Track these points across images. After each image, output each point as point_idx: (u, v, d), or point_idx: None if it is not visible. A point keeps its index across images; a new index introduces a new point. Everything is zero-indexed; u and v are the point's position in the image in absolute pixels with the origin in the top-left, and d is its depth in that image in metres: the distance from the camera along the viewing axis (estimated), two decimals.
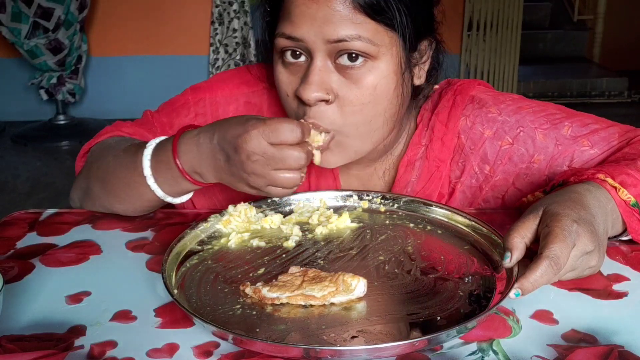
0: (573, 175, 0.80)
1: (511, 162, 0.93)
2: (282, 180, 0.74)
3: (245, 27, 4.15)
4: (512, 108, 0.93)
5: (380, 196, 0.90)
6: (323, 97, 0.80)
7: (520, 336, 0.63)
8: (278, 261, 0.75)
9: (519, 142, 0.92)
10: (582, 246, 0.67)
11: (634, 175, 0.77)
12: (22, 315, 0.67)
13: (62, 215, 0.92)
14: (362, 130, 0.83)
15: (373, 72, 0.80)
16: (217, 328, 0.59)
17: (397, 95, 0.84)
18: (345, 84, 0.80)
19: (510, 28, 4.50)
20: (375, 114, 0.83)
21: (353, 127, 0.83)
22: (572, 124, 0.92)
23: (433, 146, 0.94)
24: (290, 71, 0.83)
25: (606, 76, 4.86)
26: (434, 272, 0.72)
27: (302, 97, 0.80)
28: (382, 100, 0.82)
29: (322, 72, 0.80)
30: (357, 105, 0.81)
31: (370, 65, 0.80)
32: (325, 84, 0.80)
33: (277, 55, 0.84)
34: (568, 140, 0.91)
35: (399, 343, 0.58)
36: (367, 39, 0.78)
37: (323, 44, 0.78)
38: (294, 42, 0.80)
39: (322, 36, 0.78)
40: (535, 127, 0.92)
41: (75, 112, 4.27)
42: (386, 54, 0.80)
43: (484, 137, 0.93)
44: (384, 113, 0.84)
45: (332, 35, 0.78)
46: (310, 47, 0.79)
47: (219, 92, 0.99)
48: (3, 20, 3.71)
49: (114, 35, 4.23)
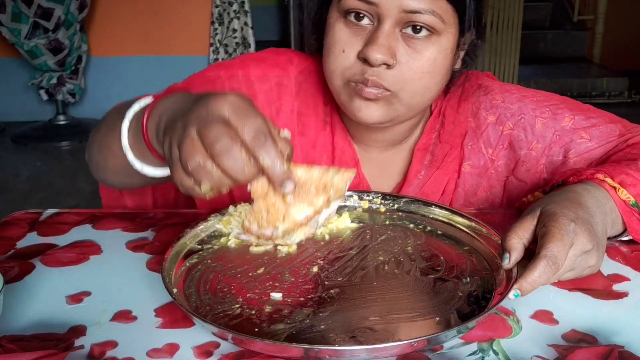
0: (572, 176, 0.80)
1: (511, 148, 0.96)
2: (185, 155, 0.57)
3: (245, 27, 4.15)
4: (517, 96, 0.97)
5: (381, 196, 0.90)
6: (387, 61, 0.82)
7: (521, 336, 0.63)
8: (278, 261, 0.75)
9: (519, 128, 0.95)
10: (580, 245, 0.67)
11: (634, 175, 0.77)
12: (22, 315, 0.67)
13: (62, 215, 0.92)
14: (414, 100, 0.86)
15: (435, 45, 0.84)
16: (217, 328, 0.59)
17: (447, 72, 0.88)
18: (408, 52, 0.83)
19: (510, 28, 4.49)
20: (430, 86, 0.86)
21: (408, 94, 0.85)
22: (574, 116, 0.94)
23: (445, 129, 0.97)
24: (353, 31, 0.84)
25: (606, 76, 4.86)
26: (433, 272, 0.72)
27: (369, 57, 0.81)
28: (438, 73, 0.86)
29: (390, 37, 0.82)
30: (418, 73, 0.84)
31: (433, 40, 0.83)
32: (391, 49, 0.82)
33: (339, 14, 0.85)
34: (567, 131, 0.93)
35: (398, 343, 0.58)
36: (439, 15, 0.81)
37: (397, 11, 0.81)
38: (366, 5, 0.82)
39: (399, 4, 0.80)
40: (536, 115, 0.95)
41: (75, 112, 4.27)
42: (448, 32, 0.84)
43: (487, 122, 0.96)
44: (436, 87, 0.88)
45: (408, 5, 0.80)
46: (382, 12, 0.81)
47: (252, 70, 0.98)
48: (3, 20, 3.71)
49: (113, 36, 4.23)
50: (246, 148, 0.57)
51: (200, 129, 0.57)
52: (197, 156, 0.57)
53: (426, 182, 0.97)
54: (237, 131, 0.57)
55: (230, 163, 0.56)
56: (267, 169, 0.58)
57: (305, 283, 0.70)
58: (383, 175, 1.00)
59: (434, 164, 0.97)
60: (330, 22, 0.86)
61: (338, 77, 0.86)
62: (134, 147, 0.73)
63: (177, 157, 0.59)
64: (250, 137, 0.57)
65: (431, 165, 0.97)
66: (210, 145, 0.56)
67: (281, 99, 0.97)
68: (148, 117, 0.69)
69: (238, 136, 0.57)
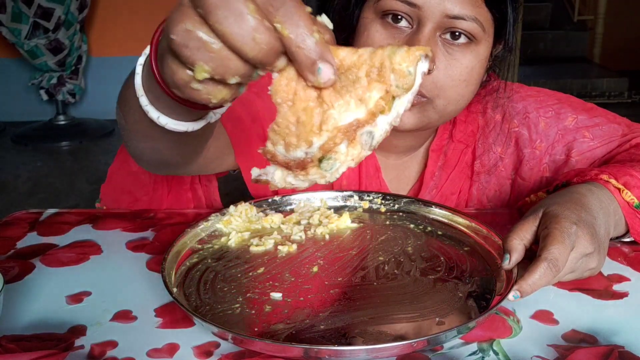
0: (576, 176, 0.80)
1: (517, 146, 0.97)
2: (175, 30, 0.42)
3: None
4: (521, 95, 0.98)
5: (381, 197, 0.90)
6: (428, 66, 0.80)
7: (521, 336, 0.63)
8: (278, 261, 0.75)
9: (524, 126, 0.96)
10: (582, 248, 0.67)
11: (638, 176, 0.77)
12: (22, 315, 0.67)
13: (63, 215, 0.92)
14: (448, 108, 0.85)
15: (473, 54, 0.82)
16: (217, 328, 0.59)
17: (480, 81, 0.87)
18: (447, 58, 0.82)
19: None
20: (465, 94, 0.85)
21: (444, 101, 0.84)
22: (577, 115, 0.94)
23: (457, 128, 0.97)
24: (390, 34, 0.82)
25: (606, 76, 4.86)
26: (433, 273, 0.72)
27: None
28: (474, 82, 0.85)
29: (430, 42, 0.80)
30: (455, 80, 0.83)
31: (471, 47, 0.82)
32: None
33: (375, 15, 0.83)
34: (570, 130, 0.93)
35: (398, 343, 0.57)
36: (480, 23, 0.80)
37: (440, 16, 0.79)
38: (408, 7, 0.79)
39: (442, 8, 0.78)
40: (540, 114, 0.96)
41: (76, 113, 4.27)
42: (485, 41, 0.83)
43: (495, 120, 0.97)
44: (470, 95, 0.86)
45: (452, 10, 0.78)
46: (424, 15, 0.79)
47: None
48: (3, 20, 3.71)
49: (114, 36, 4.23)
50: (259, 11, 0.40)
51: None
52: (186, 22, 0.41)
53: (443, 183, 0.97)
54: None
55: (233, 26, 0.39)
56: (288, 39, 0.40)
57: (305, 283, 0.70)
58: (400, 180, 1.01)
59: (448, 164, 0.97)
60: (366, 23, 0.84)
61: None
62: (149, 90, 0.58)
63: (168, 45, 0.43)
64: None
65: (445, 165, 0.97)
66: (204, 4, 0.40)
67: None
68: (157, 41, 0.51)
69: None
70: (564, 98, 0.98)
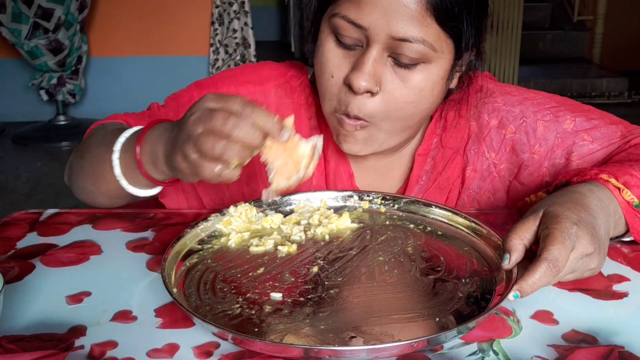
0: (576, 176, 0.80)
1: (514, 152, 0.95)
2: (208, 147, 0.68)
3: (245, 27, 4.14)
4: (517, 98, 0.96)
5: (381, 197, 0.90)
6: (371, 89, 0.80)
7: (521, 336, 0.63)
8: (278, 261, 0.75)
9: (521, 131, 0.94)
10: (582, 248, 0.67)
11: (638, 175, 0.76)
12: (22, 315, 0.67)
13: (63, 216, 0.92)
14: (397, 126, 0.85)
15: (423, 74, 0.81)
16: (217, 328, 0.59)
17: (437, 98, 0.85)
18: (394, 79, 0.81)
19: (510, 28, 4.50)
20: (414, 114, 0.84)
21: (390, 122, 0.84)
22: (575, 118, 0.93)
23: (447, 134, 0.95)
24: (342, 54, 0.82)
25: (606, 77, 4.86)
26: (433, 273, 0.72)
27: (353, 85, 0.79)
28: (424, 102, 0.83)
29: (376, 63, 0.79)
30: (401, 102, 0.82)
31: (422, 67, 0.80)
32: (376, 76, 0.80)
33: (329, 33, 0.83)
34: (569, 133, 0.92)
35: (398, 343, 0.58)
36: (429, 44, 0.78)
37: (385, 37, 0.78)
38: (355, 28, 0.79)
39: (387, 30, 0.77)
40: (538, 118, 0.94)
41: (76, 113, 4.27)
42: (440, 59, 0.81)
43: (490, 125, 0.95)
44: (421, 114, 0.85)
45: (398, 32, 0.77)
46: (371, 37, 0.78)
47: (223, 88, 0.97)
48: (3, 20, 3.71)
49: (114, 36, 4.23)
50: (244, 118, 0.68)
51: (204, 126, 0.68)
52: (218, 142, 0.67)
53: (429, 188, 0.95)
54: (230, 111, 0.68)
55: (242, 133, 0.67)
56: (264, 125, 0.69)
57: (305, 283, 0.70)
58: (383, 182, 0.99)
59: (436, 170, 0.95)
60: (322, 38, 0.84)
61: (327, 103, 0.86)
62: (127, 175, 0.82)
63: (199, 157, 0.69)
64: (241, 110, 0.68)
65: (433, 170, 0.95)
66: (220, 130, 0.67)
67: None
68: (140, 151, 0.79)
69: (233, 113, 0.68)
70: (561, 101, 0.96)
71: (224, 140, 0.67)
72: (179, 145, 0.71)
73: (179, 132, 0.72)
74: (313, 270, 0.73)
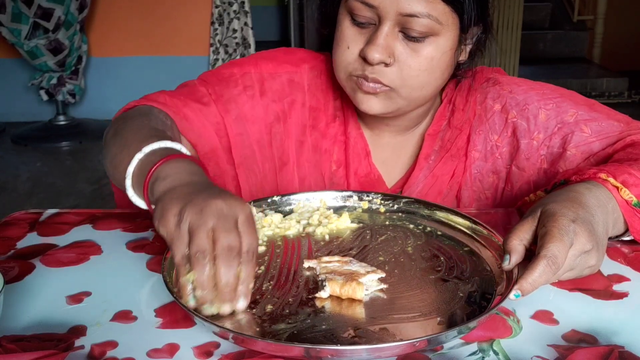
0: (575, 175, 0.80)
1: (514, 136, 0.98)
2: (200, 244, 0.62)
3: (245, 27, 4.14)
4: (523, 88, 1.00)
5: (380, 197, 0.90)
6: (385, 60, 0.87)
7: (521, 336, 0.63)
8: (278, 260, 0.75)
9: (523, 117, 0.98)
10: (580, 245, 0.67)
11: (636, 175, 0.77)
12: (22, 315, 0.67)
13: (63, 216, 0.92)
14: (414, 94, 0.92)
15: (432, 45, 0.88)
16: (218, 327, 0.59)
17: (448, 68, 0.93)
18: (407, 51, 0.88)
19: (510, 28, 4.50)
20: (430, 81, 0.91)
21: (408, 89, 0.90)
22: (577, 109, 0.96)
23: (455, 116, 1.01)
24: (358, 30, 0.90)
25: (606, 76, 4.86)
26: (433, 273, 0.72)
27: (367, 57, 0.87)
28: (437, 71, 0.91)
29: (388, 38, 0.87)
30: (415, 70, 0.89)
31: (431, 40, 0.88)
32: (389, 49, 0.87)
33: (345, 14, 0.91)
34: (569, 124, 0.96)
35: (399, 343, 0.58)
36: (435, 18, 0.86)
37: (395, 14, 0.86)
38: (367, 8, 0.87)
39: (396, 7, 0.85)
40: (540, 106, 0.97)
41: (75, 113, 4.27)
42: (446, 32, 0.88)
43: (494, 109, 1.00)
44: (436, 82, 0.92)
45: (405, 9, 0.85)
46: (381, 14, 0.86)
47: (264, 67, 1.02)
48: (3, 20, 3.71)
49: (114, 36, 4.23)
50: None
51: (215, 231, 0.62)
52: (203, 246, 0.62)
53: (436, 165, 1.00)
54: (217, 242, 0.62)
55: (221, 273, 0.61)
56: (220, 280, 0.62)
57: (306, 283, 0.70)
58: (396, 159, 1.05)
59: (444, 149, 1.01)
60: (340, 19, 0.92)
61: (342, 70, 0.93)
62: (135, 186, 0.76)
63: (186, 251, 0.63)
64: (222, 251, 0.62)
65: (441, 149, 1.01)
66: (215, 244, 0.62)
67: (293, 94, 1.02)
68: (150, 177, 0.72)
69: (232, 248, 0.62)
70: (567, 94, 0.99)
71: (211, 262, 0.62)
72: (186, 206, 0.64)
73: (190, 199, 0.65)
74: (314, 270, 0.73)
